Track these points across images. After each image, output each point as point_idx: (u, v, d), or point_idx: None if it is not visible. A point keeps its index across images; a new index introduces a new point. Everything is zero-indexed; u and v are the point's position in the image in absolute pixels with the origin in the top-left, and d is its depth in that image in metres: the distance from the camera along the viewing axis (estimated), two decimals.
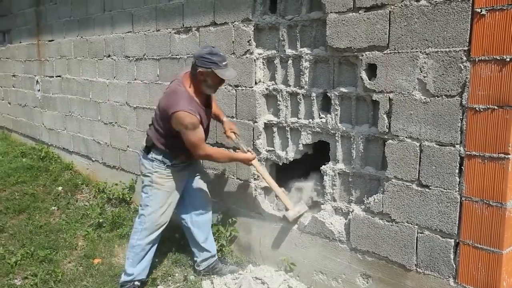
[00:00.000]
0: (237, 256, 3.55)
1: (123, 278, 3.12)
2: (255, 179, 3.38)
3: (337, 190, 2.91)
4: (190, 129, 2.83)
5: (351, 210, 2.80)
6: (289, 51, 3.07)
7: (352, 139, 2.76)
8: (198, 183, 3.29)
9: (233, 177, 3.55)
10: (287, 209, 3.10)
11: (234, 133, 3.21)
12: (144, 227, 3.07)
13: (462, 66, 2.19)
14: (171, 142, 2.97)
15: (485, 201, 2.19)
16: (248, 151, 3.12)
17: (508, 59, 2.04)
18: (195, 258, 3.35)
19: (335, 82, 2.85)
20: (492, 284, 2.22)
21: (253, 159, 3.11)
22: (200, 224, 3.28)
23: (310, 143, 3.05)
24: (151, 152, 3.05)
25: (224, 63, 2.84)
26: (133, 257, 3.09)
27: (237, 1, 3.31)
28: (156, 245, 3.19)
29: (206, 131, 3.10)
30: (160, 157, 3.03)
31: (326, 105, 2.94)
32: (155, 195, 3.05)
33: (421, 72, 2.34)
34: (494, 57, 2.08)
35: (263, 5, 3.19)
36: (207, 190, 3.35)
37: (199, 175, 3.31)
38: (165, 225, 3.14)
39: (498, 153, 2.12)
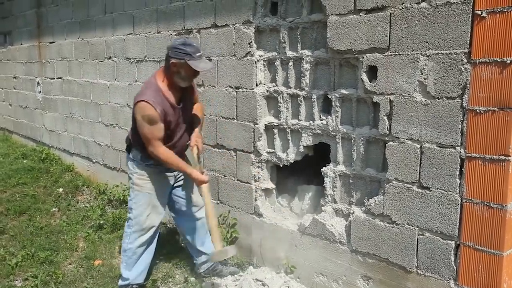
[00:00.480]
0: (238, 257, 3.55)
1: (120, 282, 3.10)
2: (255, 180, 3.38)
3: (338, 191, 2.91)
4: (146, 121, 2.74)
5: (351, 211, 2.80)
6: (289, 53, 3.08)
7: (352, 141, 2.77)
8: (186, 188, 3.18)
9: (233, 178, 3.55)
10: (215, 248, 2.97)
11: (198, 147, 3.05)
12: (132, 230, 3.02)
13: (462, 68, 2.19)
14: (141, 140, 2.87)
15: (485, 203, 2.19)
16: (203, 173, 2.97)
17: (508, 61, 2.04)
18: (194, 261, 3.33)
19: (336, 84, 2.85)
20: (492, 286, 2.22)
21: (205, 182, 2.94)
22: (193, 229, 3.23)
23: (311, 144, 3.05)
24: (131, 151, 3.00)
25: (198, 54, 2.75)
26: (127, 261, 3.06)
27: (238, 3, 3.32)
28: (151, 248, 3.12)
29: (180, 131, 2.97)
30: (138, 156, 2.97)
31: (326, 107, 2.94)
32: (137, 198, 2.99)
33: (422, 74, 2.34)
34: (495, 59, 2.09)
35: (264, 7, 3.19)
36: (197, 194, 3.25)
37: (187, 179, 3.15)
38: (154, 228, 3.05)
39: (499, 155, 2.12)
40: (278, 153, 3.27)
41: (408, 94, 2.41)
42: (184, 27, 3.85)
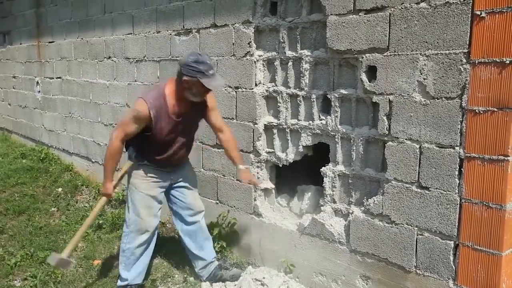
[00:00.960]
0: (237, 257, 3.55)
1: (119, 283, 3.10)
2: None
3: (337, 191, 2.91)
4: (132, 113, 2.79)
5: (351, 211, 2.80)
6: (289, 53, 3.08)
7: (352, 141, 2.77)
8: (184, 190, 3.16)
9: (233, 178, 3.55)
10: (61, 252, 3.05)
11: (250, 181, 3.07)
12: (130, 230, 3.02)
13: (462, 68, 2.20)
14: (137, 140, 2.90)
15: (484, 203, 2.19)
16: (114, 188, 3.00)
17: (507, 61, 2.05)
18: (195, 268, 3.30)
19: (335, 84, 2.85)
20: (491, 285, 2.22)
21: (108, 197, 3.02)
22: (190, 232, 3.21)
23: (310, 144, 3.05)
24: (128, 149, 3.01)
25: (211, 72, 2.72)
26: (125, 261, 3.05)
27: (237, 3, 3.32)
28: (150, 249, 3.11)
29: (176, 145, 2.94)
30: (133, 155, 2.99)
31: (326, 107, 2.95)
32: (133, 198, 2.99)
33: (421, 74, 2.35)
34: (494, 59, 2.09)
35: (264, 7, 3.20)
36: (196, 197, 3.23)
37: (185, 182, 3.16)
38: (152, 229, 3.04)
39: (498, 155, 2.12)
40: (278, 153, 3.27)
41: (408, 94, 2.41)
42: (183, 27, 3.85)
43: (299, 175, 3.43)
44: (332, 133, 2.88)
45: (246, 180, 3.07)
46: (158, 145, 2.90)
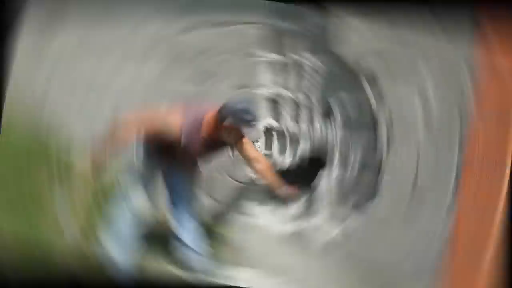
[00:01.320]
0: (226, 257, 3.53)
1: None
2: (251, 181, 3.38)
3: (333, 197, 2.92)
4: (160, 120, 2.73)
5: (346, 217, 2.80)
6: (293, 56, 3.09)
7: (350, 146, 2.77)
8: (185, 183, 3.15)
9: (229, 178, 3.54)
10: None
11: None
12: (120, 210, 2.99)
13: (466, 79, 2.21)
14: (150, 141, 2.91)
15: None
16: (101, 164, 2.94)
17: None
18: (182, 258, 3.31)
19: (337, 89, 2.87)
20: None
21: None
22: (184, 223, 3.24)
23: (308, 149, 3.06)
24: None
25: (254, 123, 2.69)
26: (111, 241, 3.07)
27: (244, 2, 3.33)
28: (136, 232, 3.06)
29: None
30: (141, 152, 2.97)
31: (326, 112, 2.95)
32: (128, 179, 2.98)
33: (423, 83, 2.36)
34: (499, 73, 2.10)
35: (270, 7, 3.20)
36: (194, 191, 3.22)
37: (188, 179, 3.16)
38: (141, 212, 3.04)
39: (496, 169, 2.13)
40: (275, 155, 3.27)
41: (409, 103, 2.42)
42: (187, 22, 3.84)
43: (294, 179, 3.43)
44: (330, 138, 2.88)
45: (295, 194, 3.05)
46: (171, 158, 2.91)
